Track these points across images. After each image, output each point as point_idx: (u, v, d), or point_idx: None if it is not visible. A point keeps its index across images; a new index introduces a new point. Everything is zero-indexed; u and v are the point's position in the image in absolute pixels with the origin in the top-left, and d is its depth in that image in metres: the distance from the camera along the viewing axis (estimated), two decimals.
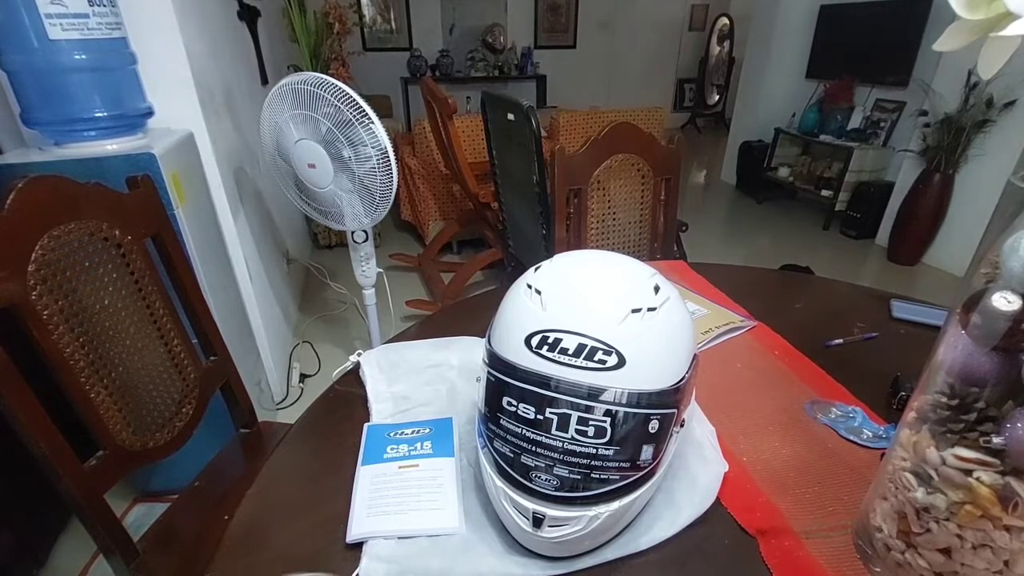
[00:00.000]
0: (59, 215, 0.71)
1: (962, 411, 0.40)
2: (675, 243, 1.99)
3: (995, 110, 2.62)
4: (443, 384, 0.75)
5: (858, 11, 3.59)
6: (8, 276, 0.63)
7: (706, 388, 0.67)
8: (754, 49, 4.35)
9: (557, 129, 3.07)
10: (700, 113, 7.06)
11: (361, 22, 5.11)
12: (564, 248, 1.02)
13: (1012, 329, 0.37)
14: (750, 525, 0.54)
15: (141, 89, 1.26)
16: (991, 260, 0.40)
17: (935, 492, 0.41)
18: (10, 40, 1.03)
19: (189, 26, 1.43)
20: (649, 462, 0.48)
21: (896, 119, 3.42)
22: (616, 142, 1.35)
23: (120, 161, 1.13)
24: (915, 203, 2.99)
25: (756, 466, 0.62)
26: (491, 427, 0.50)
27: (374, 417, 0.70)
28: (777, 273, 1.29)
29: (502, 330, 0.50)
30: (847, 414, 0.69)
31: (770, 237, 3.62)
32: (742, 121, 4.54)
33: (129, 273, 0.82)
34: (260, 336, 1.78)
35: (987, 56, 0.38)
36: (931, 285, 2.88)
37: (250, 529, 0.55)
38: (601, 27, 6.09)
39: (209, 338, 0.98)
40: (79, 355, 0.71)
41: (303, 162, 1.40)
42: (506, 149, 1.93)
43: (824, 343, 0.85)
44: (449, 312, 1.10)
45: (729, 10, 6.46)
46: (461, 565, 0.50)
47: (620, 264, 0.52)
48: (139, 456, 0.79)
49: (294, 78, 1.30)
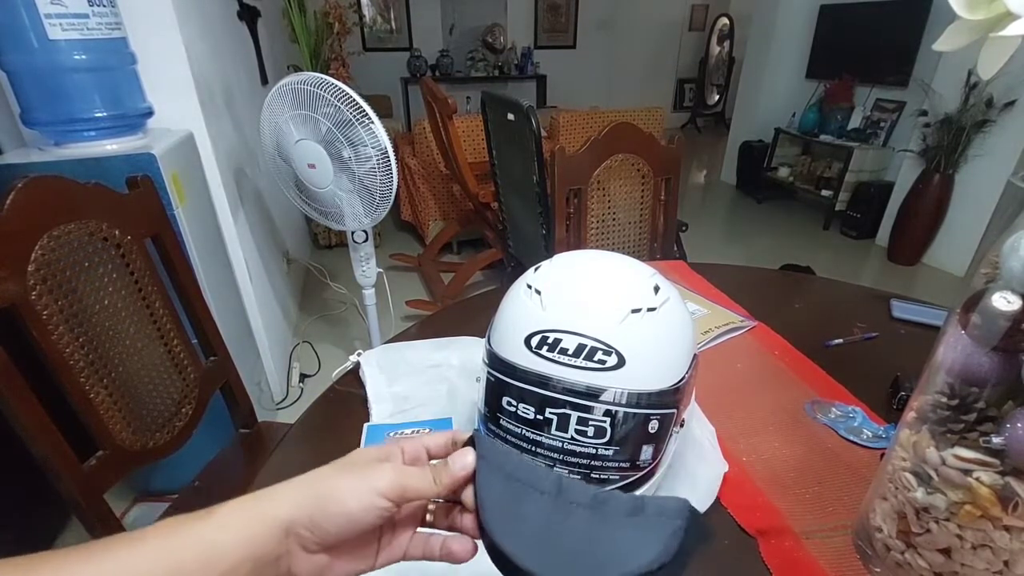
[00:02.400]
0: (59, 215, 0.71)
1: (962, 411, 0.40)
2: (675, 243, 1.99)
3: (995, 110, 2.62)
4: (443, 384, 0.75)
5: (858, 11, 3.59)
6: (8, 276, 0.63)
7: (706, 388, 0.67)
8: (754, 49, 4.34)
9: (557, 129, 3.07)
10: (700, 113, 7.06)
11: (361, 22, 5.11)
12: (564, 248, 1.02)
13: (1012, 329, 0.37)
14: (750, 525, 0.54)
15: (141, 89, 1.26)
16: (991, 260, 0.40)
17: (935, 492, 0.41)
18: (10, 40, 1.03)
19: (189, 26, 1.43)
20: (649, 462, 0.48)
21: (896, 119, 3.42)
22: (616, 142, 1.35)
23: (120, 161, 1.13)
24: (915, 203, 2.99)
25: (756, 466, 0.62)
26: (491, 427, 0.50)
27: (374, 417, 0.69)
28: (777, 273, 1.29)
29: (502, 330, 0.50)
30: (847, 414, 0.69)
31: (770, 237, 3.62)
32: (742, 121, 4.54)
33: (129, 273, 0.82)
34: (260, 336, 1.78)
35: (987, 56, 0.38)
36: (931, 285, 2.88)
37: None
38: (601, 27, 6.09)
39: (209, 338, 0.98)
40: (79, 355, 0.71)
41: (303, 162, 1.40)
42: (506, 149, 1.93)
43: (824, 343, 0.85)
44: (449, 312, 1.10)
45: (729, 10, 6.46)
46: (461, 565, 0.50)
47: (620, 264, 0.52)
48: (139, 456, 0.79)
49: (294, 78, 1.30)
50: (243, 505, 0.29)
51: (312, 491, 0.30)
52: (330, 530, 0.29)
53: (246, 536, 0.28)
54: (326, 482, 0.30)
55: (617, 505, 0.29)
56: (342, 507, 0.29)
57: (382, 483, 0.30)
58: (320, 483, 0.30)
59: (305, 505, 0.29)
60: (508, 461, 0.32)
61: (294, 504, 0.29)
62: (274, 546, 0.29)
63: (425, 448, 0.34)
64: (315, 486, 0.30)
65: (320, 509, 0.29)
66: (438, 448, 0.35)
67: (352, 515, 0.30)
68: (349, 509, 0.30)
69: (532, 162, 1.65)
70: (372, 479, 0.30)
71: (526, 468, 0.32)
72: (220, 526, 0.28)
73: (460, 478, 0.32)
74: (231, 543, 0.28)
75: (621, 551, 0.27)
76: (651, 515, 0.28)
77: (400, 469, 0.31)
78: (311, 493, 0.30)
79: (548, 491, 0.30)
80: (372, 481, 0.30)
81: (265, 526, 0.29)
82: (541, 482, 0.31)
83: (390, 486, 0.30)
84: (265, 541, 0.28)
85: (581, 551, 0.28)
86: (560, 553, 0.28)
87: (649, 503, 0.29)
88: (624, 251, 1.20)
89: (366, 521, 0.30)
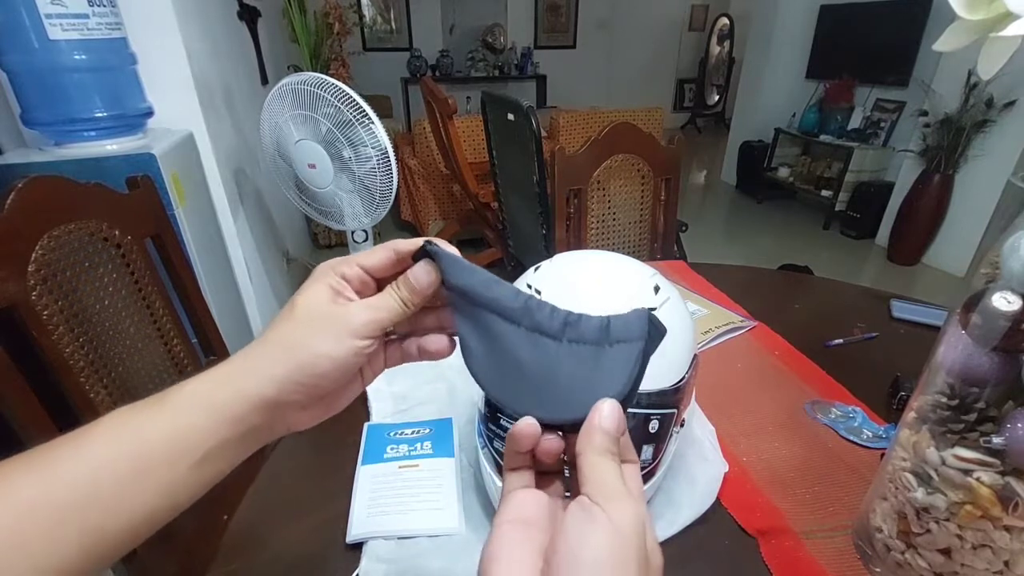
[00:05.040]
0: (59, 215, 0.71)
1: (962, 411, 0.40)
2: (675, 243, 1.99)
3: (995, 110, 2.62)
4: (443, 384, 0.75)
5: (858, 11, 3.59)
6: (8, 276, 0.63)
7: (706, 388, 0.67)
8: (754, 49, 4.35)
9: (557, 129, 3.07)
10: (700, 113, 7.06)
11: (361, 22, 5.11)
12: (564, 248, 1.02)
13: (1012, 329, 0.37)
14: (750, 525, 0.54)
15: (141, 89, 1.26)
16: (991, 260, 0.40)
17: (935, 492, 0.41)
18: (10, 40, 1.03)
19: (189, 26, 1.43)
20: (649, 462, 0.48)
21: (896, 119, 3.42)
22: (616, 142, 1.35)
23: (120, 161, 1.13)
24: (915, 203, 2.99)
25: (756, 466, 0.62)
26: (491, 427, 0.50)
27: (374, 416, 0.69)
28: (777, 273, 1.29)
29: None
30: (847, 414, 0.69)
31: (770, 237, 3.62)
32: (742, 121, 4.54)
33: (129, 273, 0.82)
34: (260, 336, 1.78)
35: (987, 56, 0.38)
36: (931, 285, 2.88)
37: (250, 529, 0.55)
38: (601, 27, 6.09)
39: (209, 338, 0.98)
40: (79, 355, 0.71)
41: (303, 162, 1.40)
42: (506, 149, 1.93)
43: (824, 343, 0.85)
44: None
45: (729, 10, 6.46)
46: (461, 565, 0.50)
47: (620, 264, 0.52)
48: None
49: (294, 78, 1.30)
50: (210, 387, 0.29)
51: (292, 359, 0.29)
52: (321, 385, 0.30)
53: (221, 418, 0.28)
54: (303, 346, 0.29)
55: (584, 333, 0.29)
56: (329, 363, 0.29)
57: (357, 324, 0.30)
58: (297, 349, 0.29)
59: (289, 376, 0.29)
60: (471, 279, 0.30)
61: (277, 380, 0.29)
62: (257, 419, 0.29)
63: (364, 269, 0.32)
64: (292, 353, 0.29)
65: (307, 374, 0.29)
66: (382, 267, 0.32)
67: (340, 366, 0.29)
68: (336, 363, 0.29)
69: (532, 162, 1.65)
70: (346, 325, 0.30)
71: (492, 287, 0.30)
72: (186, 413, 0.28)
73: (429, 293, 0.31)
74: (204, 428, 0.28)
75: (589, 387, 0.28)
76: (616, 342, 0.28)
77: (368, 304, 0.31)
78: (291, 362, 0.29)
79: (518, 320, 0.29)
80: (346, 327, 0.29)
81: (243, 404, 0.28)
82: (511, 310, 0.30)
83: (365, 325, 0.30)
84: (243, 418, 0.28)
85: (551, 387, 0.28)
86: (535, 391, 0.28)
87: (615, 325, 0.28)
88: (624, 251, 1.20)
89: (355, 364, 0.30)
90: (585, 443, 0.25)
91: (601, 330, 0.28)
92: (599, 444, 0.25)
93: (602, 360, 0.28)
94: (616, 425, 0.26)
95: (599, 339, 0.28)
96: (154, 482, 0.27)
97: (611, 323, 0.28)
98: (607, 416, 0.26)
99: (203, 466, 0.28)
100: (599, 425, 0.26)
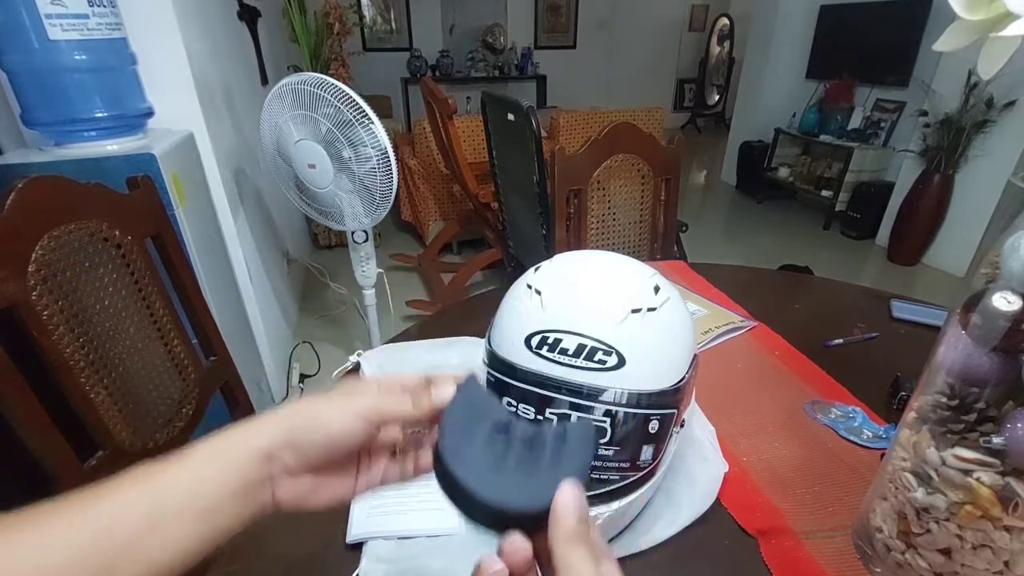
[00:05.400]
0: (59, 215, 0.71)
1: (962, 411, 0.40)
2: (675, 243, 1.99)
3: (995, 110, 2.62)
4: None
5: (858, 11, 3.59)
6: (8, 276, 0.63)
7: (706, 388, 0.67)
8: (754, 49, 4.35)
9: (557, 129, 3.07)
10: (700, 113, 7.06)
11: (361, 22, 5.11)
12: (564, 248, 1.02)
13: (1012, 329, 0.37)
14: (750, 525, 0.54)
15: (141, 89, 1.26)
16: (991, 260, 0.40)
17: (935, 492, 0.41)
18: (10, 40, 1.03)
19: (189, 26, 1.43)
20: (649, 462, 0.48)
21: (896, 119, 3.42)
22: (616, 142, 1.35)
23: (120, 161, 1.13)
24: (915, 203, 2.99)
25: (756, 466, 0.62)
26: None
27: None
28: (777, 273, 1.29)
29: (502, 330, 0.50)
30: (847, 414, 0.69)
31: (770, 237, 3.62)
32: (742, 121, 4.54)
33: (129, 273, 0.82)
34: (260, 336, 1.78)
35: (987, 56, 0.38)
36: (931, 285, 2.88)
37: (250, 529, 0.55)
38: (601, 27, 6.09)
39: (209, 338, 0.98)
40: (79, 355, 0.71)
41: (303, 162, 1.40)
42: (506, 149, 1.93)
43: (824, 343, 0.85)
44: (449, 312, 1.10)
45: (729, 10, 6.46)
46: (461, 565, 0.50)
47: (620, 264, 0.52)
48: (139, 456, 0.79)
49: (294, 78, 1.30)
50: (223, 440, 0.30)
51: (292, 417, 0.31)
52: (312, 451, 0.31)
53: (229, 468, 0.29)
54: (307, 408, 0.32)
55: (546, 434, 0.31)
56: (324, 428, 0.31)
57: (361, 405, 0.31)
58: (300, 410, 0.32)
59: (285, 431, 0.31)
60: (480, 398, 0.33)
61: (272, 433, 0.31)
62: (257, 471, 0.30)
63: (400, 385, 0.35)
64: (295, 412, 0.32)
65: (302, 432, 0.31)
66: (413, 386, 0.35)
67: (333, 435, 0.31)
68: (330, 430, 0.31)
69: (532, 162, 1.65)
70: (351, 403, 0.32)
71: (492, 405, 0.34)
72: (199, 463, 0.30)
73: (439, 406, 0.33)
74: (213, 478, 0.29)
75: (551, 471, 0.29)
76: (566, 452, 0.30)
77: (379, 393, 0.33)
78: (291, 419, 0.31)
79: (499, 426, 0.32)
80: (352, 405, 0.31)
81: (248, 454, 0.30)
82: (497, 417, 0.32)
83: (368, 408, 0.32)
84: (248, 469, 0.30)
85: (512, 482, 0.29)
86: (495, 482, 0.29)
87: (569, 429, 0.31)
88: (624, 251, 1.20)
89: (347, 442, 0.32)
90: (555, 534, 0.25)
91: (555, 445, 0.30)
92: (569, 531, 0.25)
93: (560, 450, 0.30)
94: (582, 504, 0.26)
95: (554, 450, 0.30)
96: (160, 536, 0.28)
97: (567, 434, 0.31)
98: (571, 495, 0.26)
99: (206, 518, 0.29)
100: (563, 511, 0.26)
